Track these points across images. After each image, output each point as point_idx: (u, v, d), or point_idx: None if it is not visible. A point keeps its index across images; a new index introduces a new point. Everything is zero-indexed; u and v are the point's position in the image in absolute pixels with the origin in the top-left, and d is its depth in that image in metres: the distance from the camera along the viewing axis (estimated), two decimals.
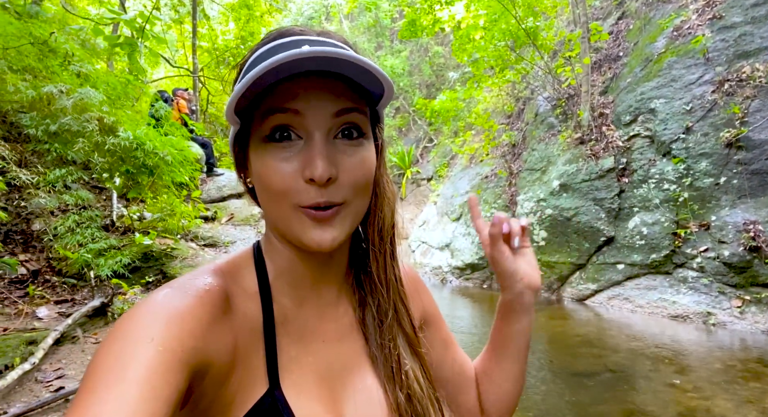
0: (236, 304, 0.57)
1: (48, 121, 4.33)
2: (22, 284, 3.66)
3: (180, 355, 0.45)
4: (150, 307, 0.48)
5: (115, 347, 0.44)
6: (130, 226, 4.69)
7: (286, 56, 0.48)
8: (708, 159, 5.90)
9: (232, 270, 0.61)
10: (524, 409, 3.49)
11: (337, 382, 0.63)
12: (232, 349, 0.54)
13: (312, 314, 0.64)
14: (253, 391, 0.56)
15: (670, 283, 6.01)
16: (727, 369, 4.10)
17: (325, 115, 0.55)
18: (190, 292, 0.52)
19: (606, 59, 8.50)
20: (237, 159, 0.64)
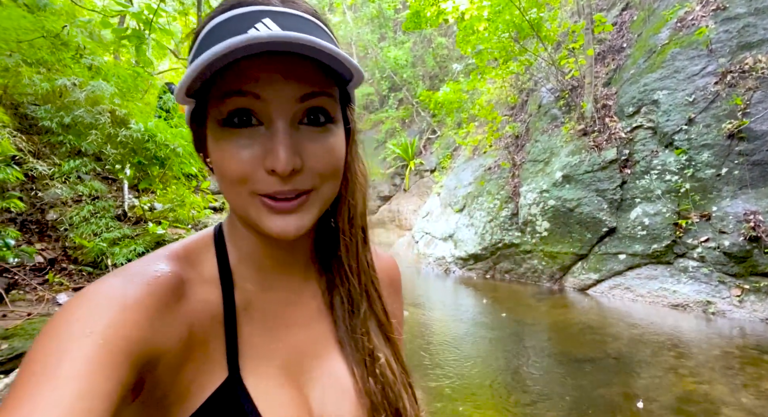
0: (192, 291, 0.55)
1: (62, 113, 4.43)
2: (40, 272, 3.78)
3: (123, 348, 0.43)
4: (91, 297, 0.46)
5: (50, 342, 0.41)
6: (141, 216, 4.80)
7: (239, 41, 0.44)
8: (710, 150, 5.96)
9: (189, 255, 0.58)
10: (526, 392, 3.61)
11: (304, 368, 0.61)
12: (187, 338, 0.52)
13: (277, 299, 0.62)
14: (211, 379, 0.54)
15: (671, 272, 6.10)
16: (725, 355, 4.21)
17: (288, 101, 0.51)
18: (136, 280, 0.49)
19: (610, 50, 8.53)
20: (196, 138, 0.59)
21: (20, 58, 4.32)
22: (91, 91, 4.53)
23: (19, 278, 3.41)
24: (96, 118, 4.44)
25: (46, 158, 4.59)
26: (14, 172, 3.74)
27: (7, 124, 3.84)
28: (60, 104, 4.60)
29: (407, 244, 11.52)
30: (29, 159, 4.17)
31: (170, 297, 0.51)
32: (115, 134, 4.50)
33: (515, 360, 4.39)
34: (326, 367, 0.62)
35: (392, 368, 0.65)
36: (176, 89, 0.49)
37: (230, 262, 0.60)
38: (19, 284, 3.36)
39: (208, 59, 0.44)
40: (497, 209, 8.62)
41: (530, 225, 7.83)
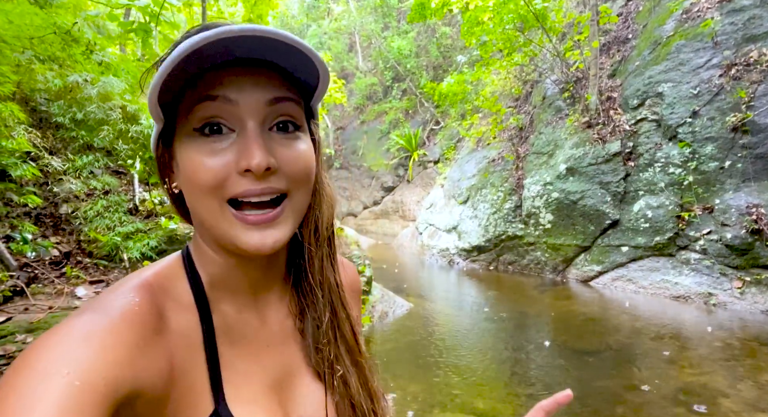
0: (169, 320, 0.53)
1: (74, 109, 4.50)
2: (57, 265, 3.88)
3: (101, 389, 0.40)
4: (66, 334, 0.43)
5: (21, 382, 0.38)
6: (152, 210, 4.89)
7: (211, 35, 0.44)
8: (713, 143, 6.00)
9: (161, 282, 0.55)
10: (527, 383, 3.71)
11: (284, 388, 0.61)
12: (168, 370, 0.50)
13: (253, 319, 0.62)
14: (196, 412, 0.52)
15: (673, 264, 6.18)
16: (725, 347, 4.30)
17: (258, 103, 0.51)
18: (114, 314, 0.47)
19: (615, 41, 8.51)
20: (160, 161, 0.58)
21: (33, 54, 4.38)
22: (102, 87, 4.59)
23: (38, 272, 3.51)
24: (107, 113, 4.50)
25: (60, 154, 4.67)
26: (30, 168, 3.83)
27: (23, 121, 3.92)
28: (72, 100, 4.67)
29: (411, 235, 11.61)
30: (44, 155, 4.25)
31: (149, 330, 0.49)
32: (126, 130, 4.57)
33: (517, 351, 4.49)
34: (304, 386, 0.63)
35: (359, 392, 0.65)
36: (148, 100, 0.49)
37: (204, 287, 0.58)
38: (38, 278, 3.46)
39: (180, 56, 0.45)
40: (501, 201, 8.69)
41: (534, 217, 7.90)
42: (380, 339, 4.86)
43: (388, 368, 4.12)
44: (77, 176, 4.46)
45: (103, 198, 4.47)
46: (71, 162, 4.45)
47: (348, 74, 20.06)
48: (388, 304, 5.66)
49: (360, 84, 18.87)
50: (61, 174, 4.38)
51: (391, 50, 17.52)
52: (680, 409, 3.15)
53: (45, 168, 4.27)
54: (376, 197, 16.74)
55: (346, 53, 20.47)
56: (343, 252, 5.29)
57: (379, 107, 18.20)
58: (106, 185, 4.57)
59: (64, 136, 4.60)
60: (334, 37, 20.55)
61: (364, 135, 18.34)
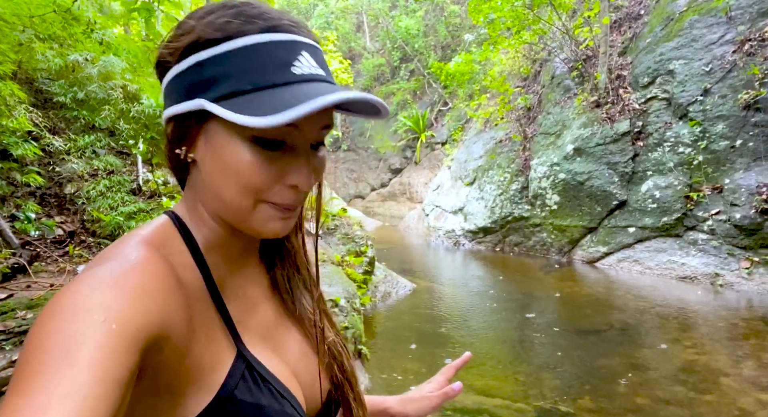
0: (179, 275, 0.55)
1: (75, 88, 4.49)
2: (60, 244, 3.92)
3: (135, 334, 0.43)
4: (97, 281, 0.45)
5: (62, 326, 0.41)
6: (155, 190, 4.91)
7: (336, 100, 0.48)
8: (725, 121, 5.87)
9: (160, 241, 0.57)
10: (527, 362, 3.72)
11: (273, 338, 0.67)
12: (189, 319, 0.53)
13: (242, 279, 0.67)
14: (223, 355, 0.57)
15: (680, 245, 6.11)
16: (729, 327, 4.26)
17: (315, 130, 0.56)
18: (137, 265, 0.49)
19: (626, 18, 8.30)
20: (184, 130, 0.57)
21: (33, 33, 4.36)
22: (102, 66, 4.57)
23: (40, 251, 3.54)
24: (108, 93, 4.49)
25: (62, 133, 4.69)
26: (32, 148, 3.84)
27: (24, 100, 3.92)
28: (73, 79, 4.66)
29: (417, 217, 11.59)
30: (45, 134, 4.26)
31: (168, 280, 0.51)
32: (127, 110, 4.56)
33: (520, 331, 4.49)
34: (288, 336, 0.69)
35: (330, 331, 0.75)
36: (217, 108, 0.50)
37: (201, 249, 0.60)
38: (41, 256, 3.50)
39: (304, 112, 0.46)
40: (507, 182, 8.61)
41: (540, 198, 7.83)
42: (382, 318, 4.89)
43: (389, 346, 4.14)
44: (80, 156, 4.48)
45: (105, 178, 4.48)
46: (73, 142, 4.46)
47: (355, 55, 19.84)
48: (391, 284, 5.67)
49: (367, 65, 18.67)
50: (63, 154, 4.40)
51: (398, 30, 17.27)
52: (680, 387, 3.14)
53: (47, 148, 4.28)
54: (383, 179, 16.70)
55: (354, 33, 20.21)
56: (346, 233, 5.29)
57: (387, 88, 18.02)
58: (108, 165, 4.58)
59: (66, 116, 4.61)
60: (341, 16, 20.28)
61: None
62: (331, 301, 3.46)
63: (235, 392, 0.55)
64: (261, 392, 0.57)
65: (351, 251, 5.08)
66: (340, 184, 18.12)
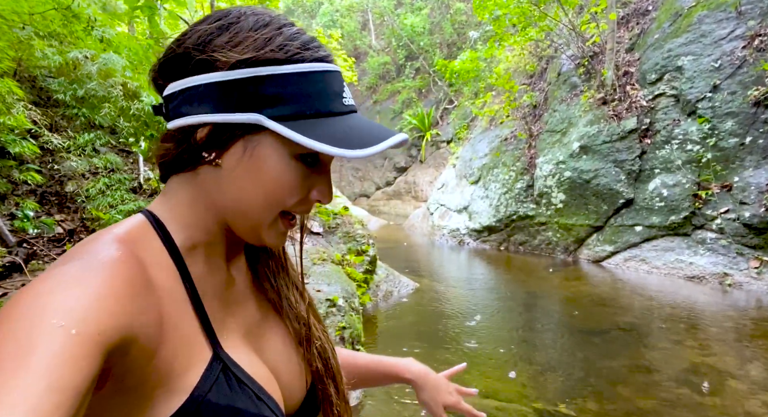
0: (152, 275, 0.53)
1: (75, 86, 4.48)
2: (59, 242, 3.91)
3: (96, 338, 0.41)
4: (61, 283, 0.43)
5: (18, 329, 0.39)
6: (156, 188, 4.89)
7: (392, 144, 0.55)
8: (734, 118, 5.75)
9: (135, 239, 0.55)
10: (531, 363, 3.65)
11: (255, 337, 0.67)
12: (158, 321, 0.51)
13: (223, 278, 0.65)
14: (195, 358, 0.55)
15: (688, 244, 6.00)
16: (737, 328, 4.17)
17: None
18: (105, 264, 0.47)
19: (634, 14, 8.18)
20: (224, 137, 0.56)
21: (32, 30, 4.35)
22: (102, 63, 4.55)
23: (37, 249, 3.52)
24: (108, 91, 4.47)
25: (62, 131, 4.68)
26: (30, 146, 3.82)
27: (22, 98, 3.91)
28: (74, 77, 4.65)
29: (422, 215, 11.52)
30: (45, 132, 4.25)
31: (138, 281, 0.49)
32: (127, 107, 4.55)
33: (524, 332, 4.42)
34: (270, 332, 0.69)
35: (317, 326, 0.75)
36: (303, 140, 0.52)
37: (179, 248, 0.59)
38: (38, 255, 3.48)
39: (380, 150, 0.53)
40: (512, 181, 8.53)
41: (545, 197, 7.74)
42: (383, 318, 4.83)
43: (390, 346, 4.09)
44: (79, 154, 4.46)
45: (106, 176, 4.47)
46: (73, 140, 4.45)
47: (360, 53, 19.79)
48: (393, 283, 5.62)
49: (373, 63, 18.62)
50: (63, 152, 4.39)
51: (404, 28, 17.19)
52: (684, 389, 3.06)
53: (45, 145, 4.27)
54: (388, 178, 16.64)
55: (359, 31, 20.16)
56: (347, 231, 5.23)
57: (392, 86, 17.95)
58: (108, 163, 4.56)
59: (65, 114, 4.59)
60: (346, 14, 20.24)
61: (376, 115, 18.15)
62: (329, 301, 3.41)
63: (208, 395, 0.53)
64: (236, 395, 0.56)
65: (352, 250, 5.03)
66: (345, 182, 18.08)
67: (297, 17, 20.32)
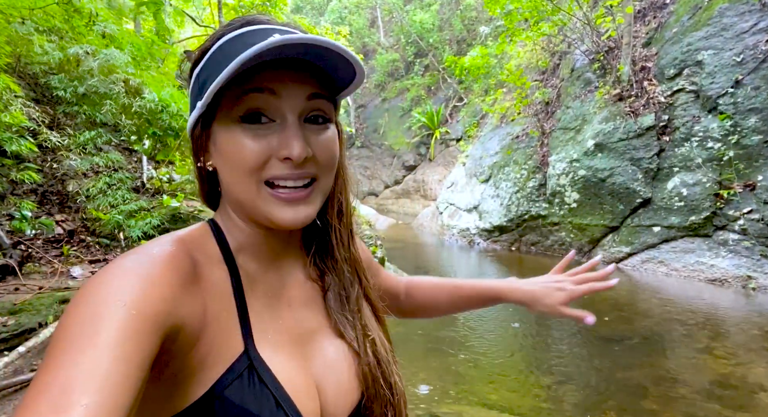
0: (203, 271, 0.58)
1: (76, 82, 4.36)
2: (58, 243, 3.79)
3: (152, 319, 0.45)
4: (120, 271, 0.48)
5: (86, 310, 0.43)
6: (159, 188, 4.76)
7: (282, 40, 0.49)
8: (758, 115, 5.51)
9: (192, 239, 0.61)
10: (548, 372, 3.47)
11: (305, 343, 0.65)
12: (202, 313, 0.55)
13: (276, 281, 0.67)
14: (228, 351, 0.56)
15: (709, 245, 5.77)
16: (765, 335, 3.96)
17: (299, 97, 0.57)
18: (158, 258, 0.52)
19: (651, 7, 7.93)
20: (197, 141, 0.62)
21: (33, 26, 4.24)
22: (104, 59, 4.43)
23: (33, 251, 3.41)
24: (110, 87, 4.36)
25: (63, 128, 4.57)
26: (27, 144, 3.71)
27: (19, 95, 3.79)
28: (75, 73, 4.54)
29: (431, 214, 11.34)
30: (43, 130, 4.13)
31: (188, 274, 0.54)
32: (129, 104, 4.43)
33: (539, 339, 4.24)
34: (325, 345, 0.67)
35: (384, 346, 0.72)
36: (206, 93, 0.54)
37: (231, 249, 0.63)
38: (33, 257, 3.36)
39: (248, 56, 0.50)
40: (524, 180, 8.32)
41: (559, 196, 7.53)
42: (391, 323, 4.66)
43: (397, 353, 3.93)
44: (80, 153, 4.34)
45: (106, 175, 4.35)
46: (73, 138, 4.33)
47: (369, 50, 19.61)
48: None
49: (381, 60, 18.43)
50: (63, 150, 4.27)
51: (413, 24, 16.99)
52: (714, 404, 2.87)
53: (44, 144, 4.16)
54: (397, 176, 16.48)
55: (368, 29, 19.98)
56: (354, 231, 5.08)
57: (401, 84, 17.77)
58: (110, 162, 4.44)
59: (66, 111, 4.48)
60: (354, 11, 20.07)
61: (385, 113, 17.97)
62: None
63: (225, 391, 0.54)
64: (254, 397, 0.55)
65: None
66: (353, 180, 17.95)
67: (305, 14, 20.17)
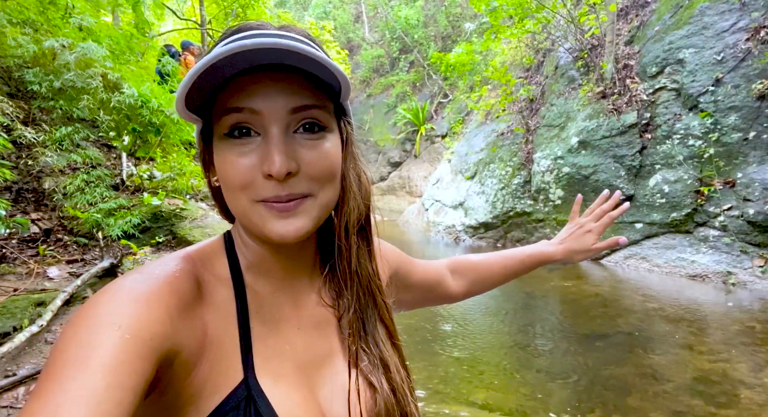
0: (208, 291, 0.57)
1: (52, 76, 4.23)
2: (34, 243, 3.68)
3: (148, 343, 0.44)
4: (116, 293, 0.47)
5: (80, 334, 0.43)
6: (140, 185, 4.66)
7: (233, 48, 0.47)
8: (737, 113, 5.59)
9: (202, 257, 0.60)
10: (532, 369, 3.48)
11: (314, 369, 0.63)
12: (202, 337, 0.53)
13: (286, 302, 0.64)
14: (227, 379, 0.54)
15: (690, 242, 5.86)
16: (745, 330, 4.02)
17: (282, 112, 0.54)
18: (158, 278, 0.51)
19: (633, 5, 8.00)
20: (203, 157, 0.63)
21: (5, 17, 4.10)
22: (81, 53, 4.30)
23: (7, 251, 3.30)
24: (87, 81, 4.23)
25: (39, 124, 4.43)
26: (1, 141, 3.58)
27: None
28: (51, 67, 4.40)
29: (417, 211, 11.34)
30: (18, 125, 4.00)
31: (188, 295, 0.53)
32: (108, 99, 4.31)
33: (524, 335, 4.25)
34: (335, 370, 0.64)
35: (400, 373, 0.68)
36: (175, 102, 0.53)
37: (241, 267, 0.62)
38: (7, 258, 3.25)
39: (205, 65, 0.48)
40: (509, 176, 8.36)
41: (543, 193, 7.57)
42: None
43: None
44: (56, 149, 4.22)
45: (84, 172, 4.23)
46: (49, 134, 4.20)
47: (354, 46, 19.49)
48: None
49: (366, 56, 18.34)
50: (39, 146, 4.14)
51: (398, 20, 16.92)
52: (697, 400, 2.90)
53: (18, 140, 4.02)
54: (382, 173, 16.44)
55: (352, 24, 19.85)
56: None
57: (386, 80, 17.70)
58: (88, 159, 4.33)
59: (42, 106, 4.34)
60: (339, 6, 19.92)
61: (370, 109, 17.90)
62: None
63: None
64: None
65: None
66: None
67: (289, 9, 19.94)
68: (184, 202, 4.31)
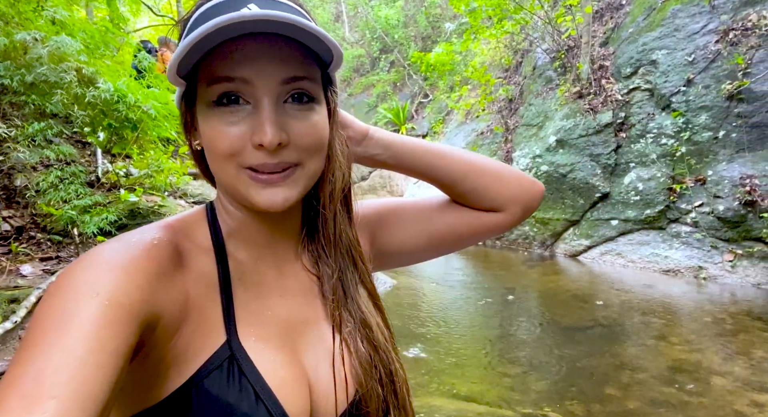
0: (189, 260, 0.57)
1: (23, 71, 4.12)
2: (6, 241, 3.58)
3: (127, 308, 0.44)
4: (95, 260, 0.47)
5: (59, 302, 0.43)
6: (116, 182, 4.57)
7: (227, 19, 0.47)
8: (708, 112, 5.77)
9: (183, 226, 0.61)
10: (512, 363, 3.53)
11: (297, 334, 0.63)
12: (184, 303, 0.53)
13: (269, 269, 0.65)
14: (209, 342, 0.55)
15: (663, 238, 6.01)
16: (716, 322, 4.15)
17: (273, 82, 0.54)
18: (136, 246, 0.51)
19: (608, 8, 8.17)
20: (184, 119, 0.62)
21: None
22: (54, 46, 4.20)
23: None
24: (61, 76, 4.14)
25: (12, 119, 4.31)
26: None
27: None
28: (23, 61, 4.28)
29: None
30: None
31: (167, 263, 0.53)
32: (82, 94, 4.22)
33: (504, 329, 4.31)
34: (318, 334, 0.65)
35: (383, 333, 0.70)
36: (168, 70, 0.53)
37: (223, 235, 0.62)
38: None
39: (197, 37, 0.48)
40: None
41: None
42: None
43: None
44: (28, 145, 4.11)
45: (58, 169, 4.13)
46: (21, 129, 4.09)
47: None
48: None
49: (347, 55, 18.29)
50: (10, 142, 4.03)
51: (378, 20, 16.95)
52: (670, 388, 2.99)
53: None
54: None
55: (332, 23, 19.81)
56: None
57: (367, 80, 17.70)
58: (62, 155, 4.23)
59: (13, 101, 4.23)
60: (319, 5, 19.84)
61: (351, 108, 17.86)
62: None
63: (204, 382, 0.53)
64: (233, 388, 0.53)
65: None
66: None
67: None
68: (163, 198, 4.24)
